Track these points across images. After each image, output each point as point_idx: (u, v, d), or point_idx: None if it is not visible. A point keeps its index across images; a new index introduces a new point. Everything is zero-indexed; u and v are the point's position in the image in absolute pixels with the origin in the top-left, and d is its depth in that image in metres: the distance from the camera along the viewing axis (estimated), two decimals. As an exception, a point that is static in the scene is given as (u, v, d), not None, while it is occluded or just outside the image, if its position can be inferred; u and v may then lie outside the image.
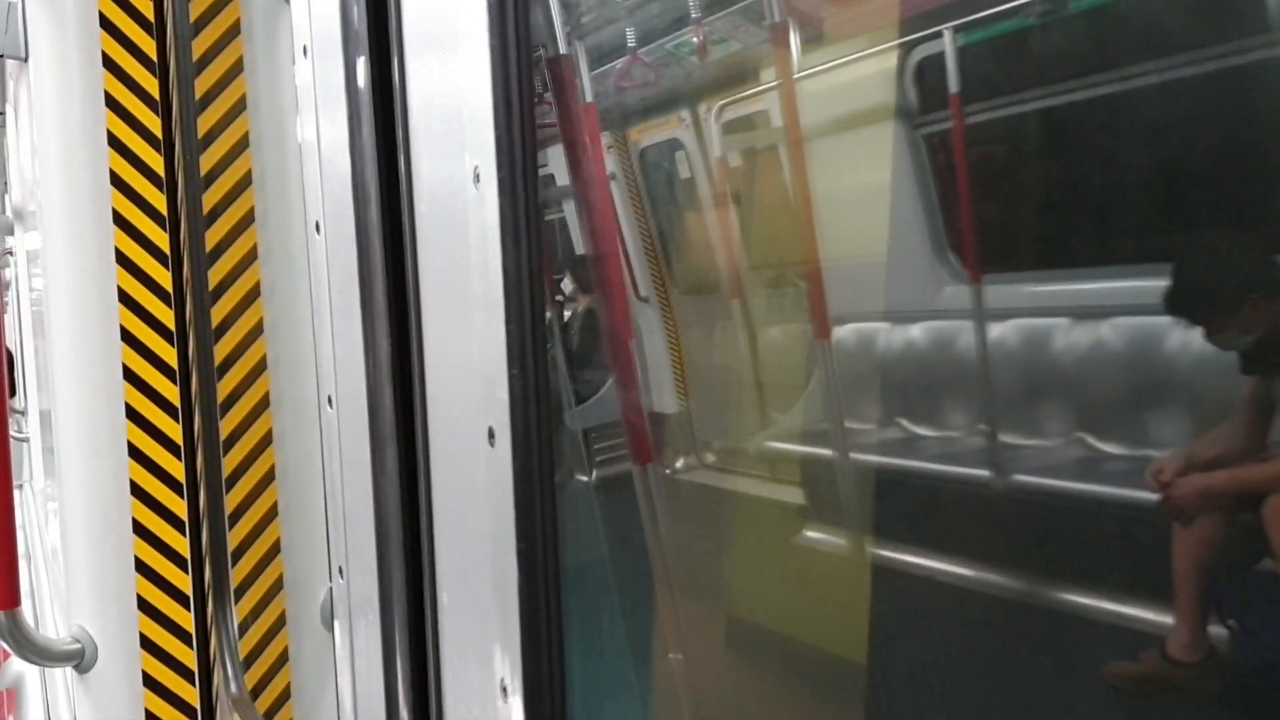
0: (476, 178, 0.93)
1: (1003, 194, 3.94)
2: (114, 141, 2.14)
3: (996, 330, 3.87)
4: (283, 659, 2.25)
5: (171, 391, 2.18)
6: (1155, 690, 2.60)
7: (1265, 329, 2.46)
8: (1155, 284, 2.62)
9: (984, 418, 3.79)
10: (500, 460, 0.92)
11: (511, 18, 0.88)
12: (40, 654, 2.24)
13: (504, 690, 0.94)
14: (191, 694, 2.22)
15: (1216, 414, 2.79)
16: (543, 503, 0.89)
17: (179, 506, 2.20)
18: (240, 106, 2.20)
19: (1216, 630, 2.53)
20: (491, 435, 0.93)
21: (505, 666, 0.93)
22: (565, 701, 0.90)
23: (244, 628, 2.22)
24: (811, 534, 3.96)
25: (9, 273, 5.60)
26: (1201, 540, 2.53)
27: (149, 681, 2.19)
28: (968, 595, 3.27)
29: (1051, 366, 3.69)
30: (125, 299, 2.15)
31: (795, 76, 4.19)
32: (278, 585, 2.25)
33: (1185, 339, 3.01)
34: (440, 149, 1.01)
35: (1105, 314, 3.48)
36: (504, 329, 0.89)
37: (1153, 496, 2.52)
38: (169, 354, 2.18)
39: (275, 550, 2.25)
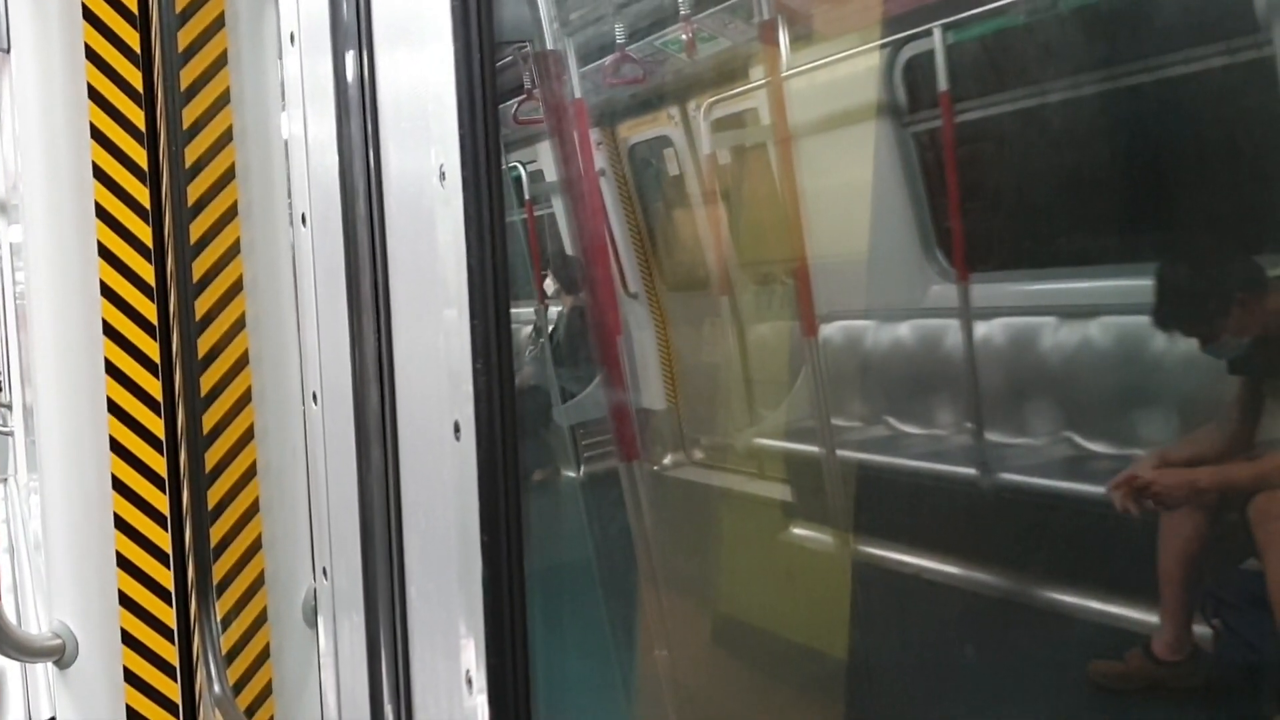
0: (442, 175, 0.93)
1: (991, 193, 3.94)
2: (96, 134, 2.12)
3: (982, 328, 3.87)
4: (264, 655, 2.24)
5: (154, 386, 2.17)
6: (1139, 689, 2.60)
7: (1253, 330, 2.47)
8: (1140, 284, 2.63)
9: (970, 416, 3.80)
10: (465, 454, 0.92)
11: (475, 15, 0.88)
12: (20, 649, 2.22)
13: (469, 682, 0.94)
14: (173, 690, 2.20)
15: (1202, 413, 2.80)
16: (507, 496, 0.89)
17: (161, 502, 2.19)
18: (224, 100, 2.18)
19: (1201, 629, 2.54)
20: (457, 429, 0.93)
21: (470, 658, 0.93)
22: (530, 693, 0.90)
23: (225, 624, 2.21)
24: (797, 530, 3.97)
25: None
26: (1186, 539, 2.53)
27: (130, 677, 2.18)
28: (952, 592, 3.28)
29: (1038, 365, 3.70)
30: (107, 292, 2.14)
31: (784, 74, 4.18)
32: (259, 581, 2.24)
33: (1169, 339, 3.01)
34: (409, 145, 1.01)
35: (1092, 313, 3.48)
36: (469, 325, 0.89)
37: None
38: (151, 348, 2.17)
39: (257, 546, 2.23)
